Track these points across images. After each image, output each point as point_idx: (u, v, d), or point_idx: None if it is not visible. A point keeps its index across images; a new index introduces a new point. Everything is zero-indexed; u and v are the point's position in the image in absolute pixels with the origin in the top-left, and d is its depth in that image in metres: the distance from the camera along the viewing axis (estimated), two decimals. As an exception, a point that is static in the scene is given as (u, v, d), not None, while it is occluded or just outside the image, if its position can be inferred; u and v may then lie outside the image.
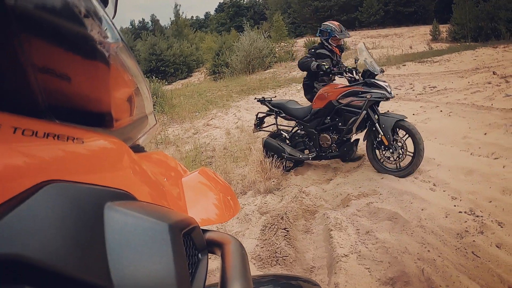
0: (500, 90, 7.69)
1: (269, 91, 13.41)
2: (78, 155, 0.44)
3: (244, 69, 21.59)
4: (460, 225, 3.15)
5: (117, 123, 0.60)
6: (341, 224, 3.49)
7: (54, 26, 0.44)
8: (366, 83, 4.68)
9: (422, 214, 3.42)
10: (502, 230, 3.03)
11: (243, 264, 0.59)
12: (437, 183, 4.06)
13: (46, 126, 0.41)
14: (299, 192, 4.43)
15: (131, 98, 0.69)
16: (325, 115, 4.93)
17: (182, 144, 8.16)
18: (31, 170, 0.36)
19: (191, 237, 0.61)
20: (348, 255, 2.97)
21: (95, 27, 0.52)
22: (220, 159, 6.51)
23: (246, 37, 22.70)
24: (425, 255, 2.84)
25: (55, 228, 0.35)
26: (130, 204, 0.47)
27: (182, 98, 14.54)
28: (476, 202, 3.49)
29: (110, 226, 0.42)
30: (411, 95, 9.03)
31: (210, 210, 0.89)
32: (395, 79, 11.80)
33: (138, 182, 0.57)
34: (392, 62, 15.75)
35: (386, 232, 3.29)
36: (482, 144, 4.86)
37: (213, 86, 18.19)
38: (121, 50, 0.63)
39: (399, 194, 3.91)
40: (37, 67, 0.42)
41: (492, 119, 5.80)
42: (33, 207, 0.33)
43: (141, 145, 0.86)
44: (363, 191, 4.18)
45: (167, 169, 0.90)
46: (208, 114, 11.37)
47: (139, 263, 0.42)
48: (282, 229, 3.56)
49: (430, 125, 6.20)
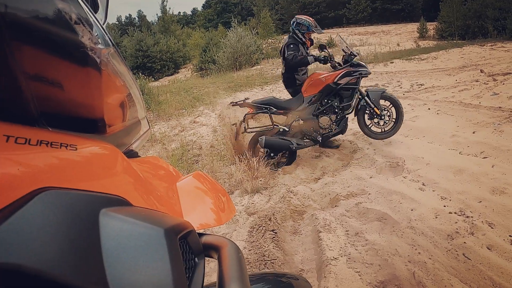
0: (487, 88, 7.70)
1: (256, 88, 13.33)
2: (72, 162, 0.45)
3: (231, 65, 21.44)
4: (450, 226, 3.10)
5: (110, 129, 0.60)
6: (330, 225, 3.42)
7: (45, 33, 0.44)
8: (353, 64, 5.39)
9: (411, 214, 3.37)
10: (493, 231, 2.99)
11: (240, 267, 0.58)
12: (426, 182, 4.02)
13: (39, 134, 0.42)
14: (287, 191, 4.34)
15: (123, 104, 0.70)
16: (320, 99, 5.33)
17: (169, 142, 8.02)
18: (25, 178, 0.36)
19: (187, 241, 0.61)
20: (337, 258, 2.90)
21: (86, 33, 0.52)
22: (206, 157, 6.40)
23: (233, 33, 22.52)
24: (416, 258, 2.79)
25: (51, 236, 0.35)
26: (125, 210, 0.47)
27: (168, 95, 14.34)
28: (466, 202, 3.45)
29: (106, 232, 0.42)
30: (398, 93, 9.01)
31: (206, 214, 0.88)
32: (383, 76, 11.80)
33: (133, 187, 0.57)
34: (379, 59, 15.80)
35: (376, 233, 3.23)
36: (471, 143, 4.84)
37: (200, 83, 18.02)
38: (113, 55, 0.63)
39: (388, 193, 3.86)
40: (28, 74, 0.42)
41: (480, 118, 5.79)
42: (28, 215, 0.33)
43: (134, 150, 0.89)
44: (352, 191, 4.11)
45: (161, 173, 0.91)
46: (195, 111, 11.23)
47: (136, 269, 0.42)
48: (270, 231, 3.48)
49: (418, 123, 6.18)
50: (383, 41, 26.54)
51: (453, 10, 26.11)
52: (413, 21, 37.08)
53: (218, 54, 22.77)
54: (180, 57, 34.05)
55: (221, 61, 22.14)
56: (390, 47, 21.88)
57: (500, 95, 6.97)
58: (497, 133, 4.99)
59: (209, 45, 26.32)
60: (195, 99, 13.16)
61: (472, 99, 7.18)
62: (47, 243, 0.34)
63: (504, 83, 8.00)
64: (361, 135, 6.04)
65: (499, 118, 5.57)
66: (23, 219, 0.33)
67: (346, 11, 46.41)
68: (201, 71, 25.48)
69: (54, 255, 0.34)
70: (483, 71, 9.82)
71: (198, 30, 48.49)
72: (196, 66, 27.18)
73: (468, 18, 25.18)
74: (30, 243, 0.32)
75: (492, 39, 20.26)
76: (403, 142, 5.46)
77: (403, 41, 26.39)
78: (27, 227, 0.33)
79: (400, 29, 34.65)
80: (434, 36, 28.03)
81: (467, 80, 9.05)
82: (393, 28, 36.10)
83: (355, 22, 44.83)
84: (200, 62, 26.10)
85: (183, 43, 36.17)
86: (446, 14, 27.08)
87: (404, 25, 37.79)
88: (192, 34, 41.98)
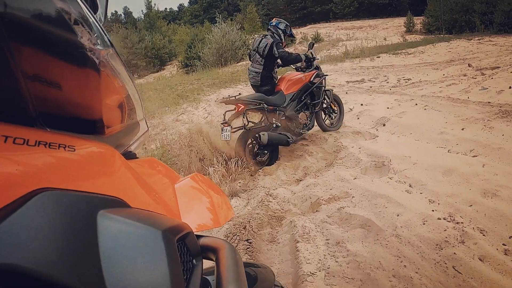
0: (476, 83, 7.52)
1: (241, 84, 13.06)
2: (70, 162, 0.45)
3: (217, 61, 21.13)
4: (439, 234, 2.84)
5: (109, 130, 0.61)
6: (309, 233, 3.15)
7: (44, 33, 0.45)
8: (317, 67, 6.04)
9: (397, 220, 3.11)
10: (485, 239, 2.74)
11: (237, 269, 0.60)
12: (414, 184, 3.77)
13: (38, 134, 0.42)
14: (266, 195, 4.06)
15: (122, 105, 0.70)
16: (299, 97, 5.70)
17: (149, 142, 7.72)
18: (23, 179, 0.36)
19: (185, 243, 0.62)
20: (315, 273, 2.62)
21: (85, 34, 0.53)
22: (186, 157, 6.10)
23: (218, 29, 22.16)
24: (401, 272, 2.52)
25: (49, 237, 0.35)
26: (123, 211, 0.48)
27: (152, 93, 14.07)
28: (455, 206, 3.20)
29: (104, 233, 0.42)
30: (385, 88, 8.83)
31: (204, 216, 0.89)
32: (369, 71, 11.62)
33: (131, 188, 0.58)
34: (366, 54, 15.68)
35: (359, 242, 2.96)
36: (460, 140, 4.60)
37: (185, 80, 17.70)
38: (112, 56, 0.64)
39: (372, 197, 3.59)
40: (27, 75, 0.43)
41: (469, 113, 5.57)
42: (26, 216, 0.34)
43: (133, 152, 0.88)
44: (335, 194, 3.84)
45: (160, 175, 0.91)
46: (178, 109, 10.93)
47: (134, 270, 0.42)
48: (244, 240, 3.20)
49: (405, 120, 5.94)
50: (370, 35, 26.49)
51: (440, 4, 26.06)
52: (400, 16, 37.05)
53: (203, 50, 22.45)
54: (165, 54, 33.62)
55: (206, 57, 21.82)
56: (377, 41, 21.84)
57: (489, 89, 6.79)
58: (487, 130, 4.76)
59: (194, 41, 26.00)
60: (179, 97, 12.85)
61: (460, 94, 6.98)
62: (45, 244, 0.34)
63: (492, 77, 7.83)
64: (344, 132, 5.88)
65: (488, 114, 5.34)
66: (21, 220, 0.33)
67: (332, 5, 46.21)
68: (186, 67, 25.08)
69: (52, 256, 0.34)
70: (471, 65, 9.67)
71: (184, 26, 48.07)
72: (181, 63, 26.77)
73: (455, 12, 25.17)
74: (28, 244, 0.32)
75: (480, 33, 20.27)
76: (389, 139, 5.21)
77: (390, 35, 26.33)
78: (25, 227, 0.33)
79: (387, 24, 34.61)
80: (421, 30, 28.05)
81: (455, 75, 8.88)
82: (380, 23, 36.05)
83: (341, 17, 44.72)
84: (185, 59, 25.71)
85: (169, 40, 35.69)
86: (433, 9, 27.06)
87: (391, 19, 37.79)
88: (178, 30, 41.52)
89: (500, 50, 12.06)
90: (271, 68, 5.71)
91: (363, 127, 6.19)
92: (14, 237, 0.31)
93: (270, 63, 5.63)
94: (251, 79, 5.83)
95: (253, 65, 5.79)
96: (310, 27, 40.68)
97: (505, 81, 7.28)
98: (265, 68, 5.66)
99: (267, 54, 5.55)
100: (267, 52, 5.56)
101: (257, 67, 5.72)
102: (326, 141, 5.70)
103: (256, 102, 5.17)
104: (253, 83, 5.85)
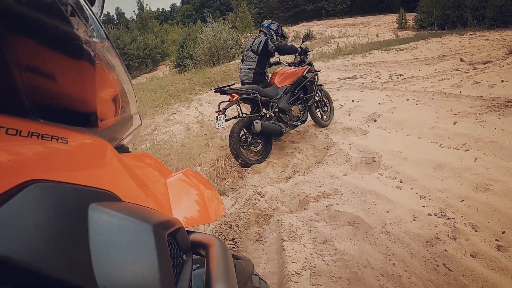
0: (468, 77, 7.45)
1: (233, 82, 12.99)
2: (63, 154, 0.45)
3: (209, 60, 20.95)
4: (429, 230, 2.74)
5: (102, 123, 0.61)
6: (296, 232, 3.04)
7: (39, 24, 0.44)
8: (310, 63, 6.22)
9: (387, 217, 3.01)
10: (477, 235, 2.64)
11: (227, 265, 0.60)
12: (404, 179, 3.67)
13: (31, 126, 0.42)
14: (254, 193, 3.95)
15: (116, 98, 0.71)
16: (292, 90, 5.74)
17: (140, 142, 7.60)
18: (14, 169, 0.36)
19: (175, 238, 0.61)
20: (300, 273, 2.51)
21: (81, 26, 0.53)
22: (176, 157, 5.99)
23: (210, 28, 22.02)
24: (390, 270, 2.42)
25: (39, 229, 0.35)
26: (114, 205, 0.47)
27: (144, 93, 13.96)
28: (447, 202, 3.10)
29: (95, 227, 0.42)
30: (377, 84, 8.74)
31: (195, 211, 0.88)
32: (361, 67, 11.54)
33: (123, 182, 0.58)
34: (358, 51, 15.61)
35: (347, 240, 2.86)
36: (452, 135, 4.51)
37: (177, 79, 17.60)
38: (107, 49, 0.64)
39: (362, 193, 3.50)
40: (22, 66, 0.42)
41: (461, 108, 5.48)
42: (17, 207, 0.34)
43: (125, 146, 0.89)
44: (323, 191, 3.74)
45: (152, 170, 0.89)
46: (170, 108, 10.83)
47: (124, 264, 0.42)
48: (229, 240, 3.10)
49: (397, 115, 5.85)
50: (362, 32, 26.42)
51: (432, 0, 26.07)
52: (393, 12, 36.99)
53: (195, 49, 22.31)
54: (158, 54, 33.40)
55: (198, 56, 21.66)
56: (369, 38, 21.81)
57: (481, 83, 6.71)
58: (479, 124, 4.68)
59: (186, 40, 25.84)
60: (170, 96, 12.75)
61: (452, 88, 6.90)
62: (36, 236, 0.34)
63: (484, 71, 7.77)
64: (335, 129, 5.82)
65: (480, 108, 5.26)
66: (12, 211, 0.33)
67: (325, 3, 46.02)
68: (179, 67, 24.92)
69: (42, 248, 0.34)
70: (463, 60, 9.61)
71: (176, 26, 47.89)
72: (173, 63, 26.60)
73: (447, 8, 25.18)
74: (19, 236, 0.32)
75: (472, 28, 20.26)
76: (380, 135, 5.11)
77: (382, 32, 26.29)
78: (16, 219, 0.33)
79: (380, 21, 34.59)
80: (413, 26, 28.04)
81: (447, 70, 8.82)
82: (372, 20, 36.03)
83: (334, 14, 44.61)
84: (177, 58, 25.54)
85: (161, 40, 35.49)
86: (425, 5, 27.07)
87: (383, 16, 37.76)
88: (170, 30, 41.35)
89: (492, 45, 12.03)
90: (264, 66, 5.80)
91: (354, 123, 6.09)
92: (4, 228, 0.31)
93: (263, 60, 5.74)
94: (243, 77, 5.84)
95: (245, 63, 5.88)
96: (302, 25, 40.61)
97: (497, 75, 7.20)
98: (258, 65, 5.73)
99: (261, 50, 5.66)
100: (261, 48, 5.66)
101: (250, 64, 5.78)
102: (316, 138, 5.60)
103: (250, 92, 5.15)
104: (244, 80, 5.83)
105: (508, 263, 2.34)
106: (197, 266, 0.80)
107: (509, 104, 5.15)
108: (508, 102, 5.27)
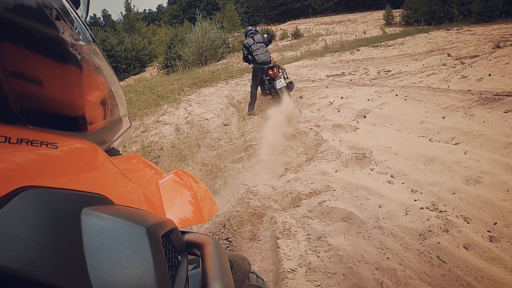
0: (456, 72, 7.50)
1: (221, 82, 12.93)
2: (53, 160, 0.45)
3: (197, 61, 20.78)
4: (422, 224, 2.76)
5: (91, 127, 0.61)
6: (290, 229, 3.05)
7: (24, 29, 0.44)
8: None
9: (379, 212, 3.02)
10: (469, 226, 2.67)
11: (222, 264, 0.61)
12: (395, 174, 3.69)
13: (19, 132, 0.42)
14: (246, 192, 3.94)
15: (104, 101, 0.70)
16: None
17: (130, 144, 7.55)
18: (5, 177, 0.36)
19: (170, 239, 0.61)
20: (295, 270, 2.52)
21: (67, 30, 0.52)
22: (166, 158, 5.97)
23: (198, 28, 21.92)
24: (384, 264, 2.43)
25: (33, 235, 0.34)
26: (107, 209, 0.47)
27: (133, 95, 13.83)
28: (438, 195, 3.12)
29: (88, 231, 0.42)
30: (365, 80, 8.76)
31: (188, 212, 0.87)
32: (349, 64, 11.56)
33: (114, 185, 0.57)
34: (345, 48, 15.61)
35: (341, 236, 2.87)
36: (441, 129, 4.54)
37: (165, 80, 17.47)
38: (94, 52, 0.63)
39: (354, 189, 3.51)
40: (8, 71, 0.42)
41: (449, 102, 5.51)
42: (9, 214, 0.33)
43: (116, 148, 0.88)
44: (316, 188, 3.74)
45: (143, 171, 0.91)
46: (159, 110, 10.74)
47: (119, 268, 0.42)
48: (224, 239, 3.08)
49: (386, 111, 5.86)
50: (349, 29, 26.49)
51: (419, -4, 26.17)
52: (379, 9, 37.07)
53: (183, 50, 22.18)
54: (145, 55, 33.04)
55: (186, 56, 21.50)
56: (356, 35, 21.84)
57: (469, 78, 6.76)
58: (468, 117, 4.71)
59: (174, 41, 25.67)
60: (159, 97, 12.64)
61: (440, 83, 6.94)
62: (29, 243, 0.33)
63: (472, 65, 7.83)
64: (325, 126, 5.79)
65: (469, 102, 5.30)
66: (4, 219, 0.32)
67: (311, 1, 46.05)
68: (167, 68, 24.73)
69: (36, 255, 0.33)
70: (450, 54, 9.67)
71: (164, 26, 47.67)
72: (161, 64, 26.41)
73: (433, 3, 25.25)
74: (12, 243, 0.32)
75: (458, 23, 20.37)
76: (370, 131, 5.13)
77: (369, 28, 26.36)
78: (9, 226, 0.32)
79: (367, 17, 34.69)
80: (400, 22, 28.10)
81: (435, 65, 8.87)
82: (359, 17, 36.12)
83: (321, 12, 44.68)
84: (165, 59, 25.35)
85: (149, 41, 35.19)
86: (411, 0, 27.11)
87: (370, 13, 37.88)
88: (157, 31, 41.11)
89: (479, 39, 12.12)
90: None
91: (344, 120, 6.10)
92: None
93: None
94: (267, 58, 7.89)
95: (260, 50, 7.93)
96: (289, 23, 40.58)
97: (484, 69, 7.26)
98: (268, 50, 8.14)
99: (267, 40, 8.23)
100: (266, 36, 8.30)
101: (265, 50, 7.97)
102: (306, 135, 5.60)
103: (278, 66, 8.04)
104: (265, 60, 7.84)
105: (500, 253, 2.36)
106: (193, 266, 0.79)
107: (497, 97, 5.20)
108: (496, 95, 5.32)
